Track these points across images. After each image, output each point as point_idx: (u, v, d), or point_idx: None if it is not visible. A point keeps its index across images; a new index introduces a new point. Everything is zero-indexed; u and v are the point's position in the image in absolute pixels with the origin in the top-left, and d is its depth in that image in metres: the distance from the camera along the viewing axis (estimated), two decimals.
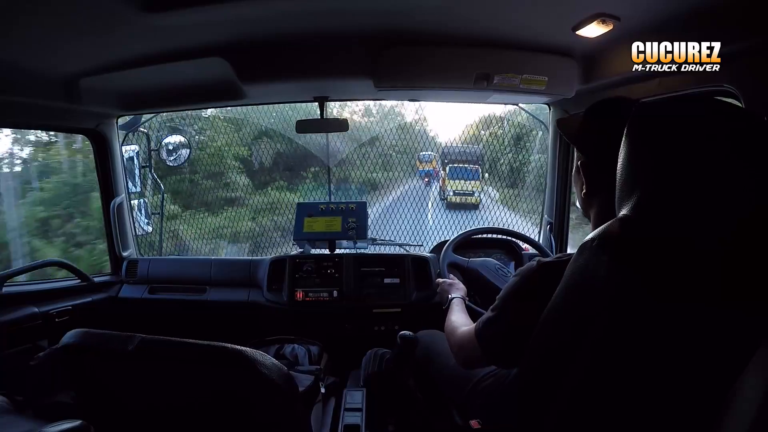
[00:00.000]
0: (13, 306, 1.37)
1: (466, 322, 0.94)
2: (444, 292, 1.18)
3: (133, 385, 0.71)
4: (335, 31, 1.16)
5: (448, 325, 0.97)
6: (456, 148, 3.97)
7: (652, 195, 0.53)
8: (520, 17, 1.07)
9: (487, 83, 1.27)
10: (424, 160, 4.06)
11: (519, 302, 0.75)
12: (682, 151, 0.51)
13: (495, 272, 1.39)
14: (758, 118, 0.52)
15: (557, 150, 1.64)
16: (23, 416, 0.88)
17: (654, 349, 0.53)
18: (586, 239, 0.59)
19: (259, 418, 0.69)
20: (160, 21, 0.97)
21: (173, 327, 1.67)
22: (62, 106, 1.38)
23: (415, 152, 3.49)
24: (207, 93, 1.46)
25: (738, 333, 0.51)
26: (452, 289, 1.16)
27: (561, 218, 1.69)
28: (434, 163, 4.22)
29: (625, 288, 0.53)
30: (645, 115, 0.56)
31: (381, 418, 1.26)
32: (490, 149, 3.45)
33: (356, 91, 1.60)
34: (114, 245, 1.73)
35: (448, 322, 0.98)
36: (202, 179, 3.59)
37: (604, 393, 0.56)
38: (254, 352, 0.66)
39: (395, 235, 2.93)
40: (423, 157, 3.97)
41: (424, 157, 4.01)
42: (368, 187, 3.76)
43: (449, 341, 0.94)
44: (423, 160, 4.02)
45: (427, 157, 4.06)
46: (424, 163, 4.09)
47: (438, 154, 4.05)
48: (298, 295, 1.58)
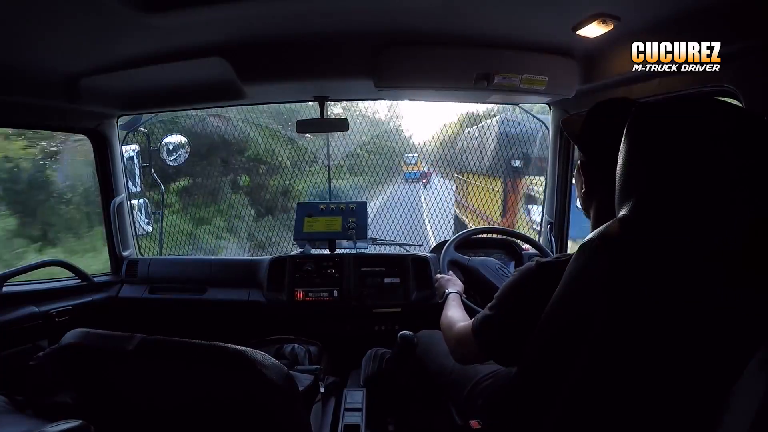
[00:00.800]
0: (13, 306, 1.37)
1: (462, 318, 0.95)
2: (441, 287, 1.20)
3: (133, 385, 0.71)
4: (335, 31, 1.16)
5: (444, 320, 0.98)
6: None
7: (651, 195, 0.53)
8: (521, 17, 1.07)
9: (488, 83, 1.27)
10: (410, 162, 4.00)
11: (517, 301, 0.75)
12: (681, 152, 0.51)
13: (495, 272, 1.40)
14: (758, 118, 0.52)
15: (557, 150, 1.64)
16: (23, 416, 0.88)
17: (653, 349, 0.53)
18: (585, 239, 0.59)
19: (259, 417, 0.69)
20: (160, 21, 0.97)
21: (173, 327, 1.67)
22: (62, 106, 1.39)
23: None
24: (207, 93, 1.46)
25: (738, 333, 0.51)
26: (449, 284, 1.18)
27: (561, 218, 1.69)
28: (420, 165, 4.08)
29: (625, 288, 0.53)
30: (645, 116, 0.56)
31: (381, 418, 1.26)
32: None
33: (356, 91, 1.60)
34: (114, 245, 1.73)
35: (444, 317, 1.00)
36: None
37: (603, 393, 0.56)
38: (254, 352, 0.66)
39: (401, 234, 2.96)
40: (407, 159, 3.95)
41: (409, 159, 3.97)
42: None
43: (445, 336, 0.95)
44: (408, 162, 3.98)
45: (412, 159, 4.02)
46: (410, 166, 4.02)
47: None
48: (298, 295, 1.58)
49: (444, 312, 1.02)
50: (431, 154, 3.84)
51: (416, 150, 3.90)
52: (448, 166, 3.59)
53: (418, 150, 3.92)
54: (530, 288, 0.73)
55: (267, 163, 3.77)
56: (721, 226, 0.50)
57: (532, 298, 0.69)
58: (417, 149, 3.90)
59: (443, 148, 3.63)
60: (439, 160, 3.63)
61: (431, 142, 3.87)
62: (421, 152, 3.95)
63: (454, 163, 3.56)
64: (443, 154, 3.62)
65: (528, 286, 0.74)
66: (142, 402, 0.73)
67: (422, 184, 3.95)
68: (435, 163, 3.73)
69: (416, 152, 3.91)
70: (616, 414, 0.56)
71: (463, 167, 3.54)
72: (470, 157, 3.26)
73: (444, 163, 3.59)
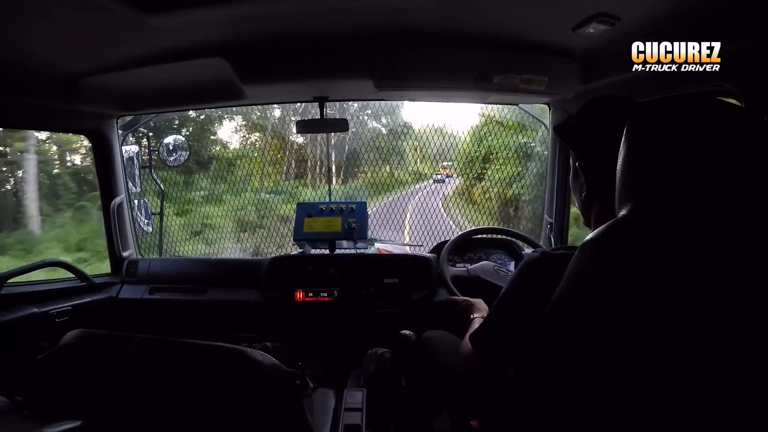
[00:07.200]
0: (13, 306, 1.37)
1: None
2: (465, 311, 1.08)
3: (133, 386, 0.71)
4: (335, 31, 1.15)
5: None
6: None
7: (651, 195, 0.53)
8: (520, 17, 1.07)
9: (487, 83, 1.26)
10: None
11: (520, 292, 0.73)
12: (681, 152, 0.51)
13: (496, 274, 1.40)
14: (758, 118, 0.52)
15: (557, 150, 1.65)
16: (23, 416, 0.88)
17: (654, 349, 0.53)
18: (585, 240, 0.59)
19: (258, 417, 0.69)
20: (160, 21, 0.97)
21: (173, 327, 1.67)
22: (62, 106, 1.38)
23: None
24: (207, 93, 1.46)
25: (738, 333, 0.51)
26: (474, 310, 1.07)
27: (561, 218, 1.69)
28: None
29: (625, 289, 0.53)
30: (644, 116, 0.56)
31: (381, 418, 1.26)
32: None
33: (356, 91, 1.60)
34: (114, 245, 1.73)
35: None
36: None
37: (602, 393, 0.56)
38: (254, 352, 0.66)
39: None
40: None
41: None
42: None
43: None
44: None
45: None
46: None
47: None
48: (298, 295, 1.58)
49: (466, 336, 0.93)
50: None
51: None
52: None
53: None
54: (534, 277, 0.70)
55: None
56: (722, 227, 0.50)
57: (535, 290, 0.67)
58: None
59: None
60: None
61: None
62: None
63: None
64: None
65: (532, 275, 0.71)
66: (141, 402, 0.73)
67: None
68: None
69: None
70: (616, 413, 0.56)
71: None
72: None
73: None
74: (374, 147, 4.93)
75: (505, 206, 4.18)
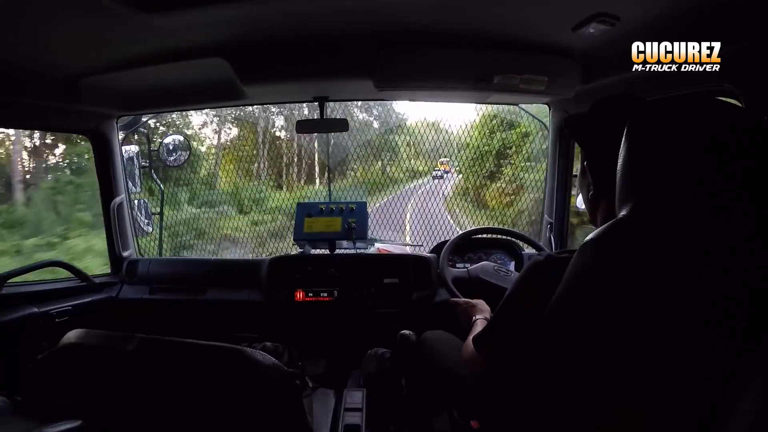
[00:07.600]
0: (14, 306, 1.37)
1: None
2: (467, 313, 1.08)
3: (133, 385, 0.71)
4: (335, 31, 1.15)
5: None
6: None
7: (651, 195, 0.53)
8: (520, 17, 1.07)
9: (487, 83, 1.26)
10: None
11: (526, 294, 0.73)
12: (681, 152, 0.51)
13: (496, 274, 1.40)
14: (758, 118, 0.52)
15: (557, 150, 1.65)
16: (23, 416, 0.88)
17: (655, 348, 0.53)
18: (586, 239, 0.59)
19: (258, 417, 0.69)
20: (160, 21, 0.97)
21: (173, 327, 1.67)
22: (62, 106, 1.38)
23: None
24: (207, 93, 1.46)
25: (739, 332, 0.51)
26: (476, 311, 1.07)
27: (561, 218, 1.69)
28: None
29: (625, 289, 0.53)
30: (644, 116, 0.56)
31: (381, 418, 1.26)
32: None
33: (356, 91, 1.60)
34: (114, 245, 1.73)
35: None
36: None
37: (603, 393, 0.56)
38: (254, 352, 0.66)
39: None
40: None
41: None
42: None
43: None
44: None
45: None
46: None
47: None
48: (298, 295, 1.58)
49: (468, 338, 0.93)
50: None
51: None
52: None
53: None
54: (539, 280, 0.70)
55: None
56: (722, 227, 0.50)
57: (539, 293, 0.67)
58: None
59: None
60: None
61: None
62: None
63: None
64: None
65: (537, 278, 0.71)
66: (141, 402, 0.73)
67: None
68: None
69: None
70: (616, 413, 0.56)
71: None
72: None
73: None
74: (365, 142, 4.96)
75: (505, 207, 4.20)
